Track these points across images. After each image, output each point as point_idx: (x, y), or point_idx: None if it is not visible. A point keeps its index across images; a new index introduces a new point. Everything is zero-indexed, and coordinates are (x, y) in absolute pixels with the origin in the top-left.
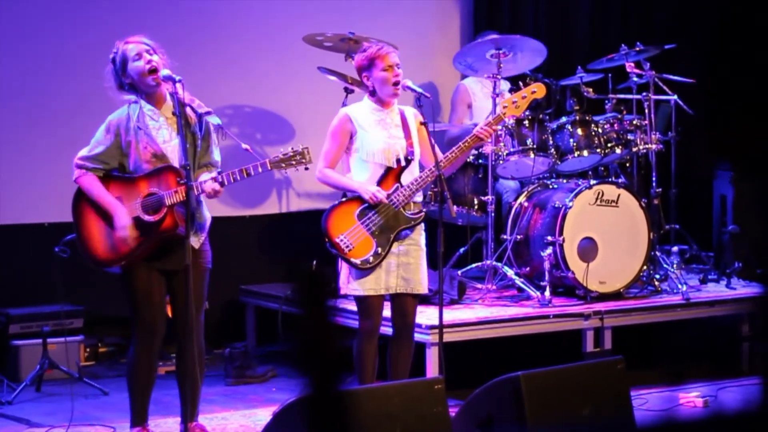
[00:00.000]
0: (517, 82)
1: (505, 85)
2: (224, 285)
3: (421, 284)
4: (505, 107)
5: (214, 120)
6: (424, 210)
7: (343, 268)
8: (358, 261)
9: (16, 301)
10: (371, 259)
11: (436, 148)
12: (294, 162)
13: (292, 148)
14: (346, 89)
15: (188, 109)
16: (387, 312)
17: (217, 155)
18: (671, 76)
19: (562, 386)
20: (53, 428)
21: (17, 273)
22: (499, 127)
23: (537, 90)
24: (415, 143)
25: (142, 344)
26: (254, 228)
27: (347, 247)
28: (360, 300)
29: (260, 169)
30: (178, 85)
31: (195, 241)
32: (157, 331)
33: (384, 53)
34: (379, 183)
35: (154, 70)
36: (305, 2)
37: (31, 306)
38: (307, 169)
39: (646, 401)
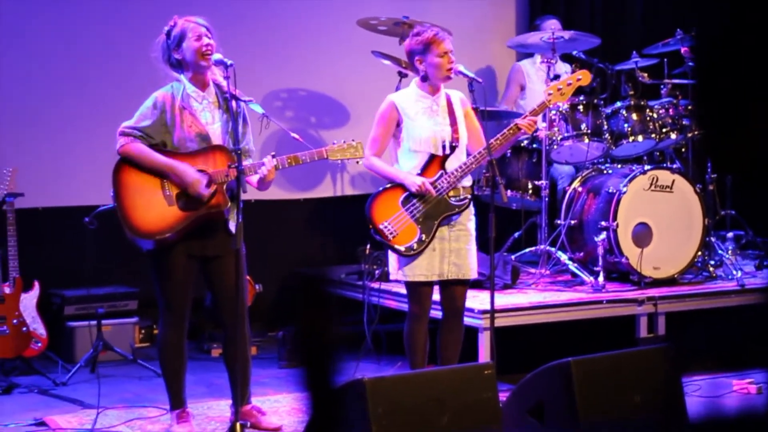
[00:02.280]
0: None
1: (565, 67)
2: (278, 268)
3: (471, 269)
4: (550, 94)
5: (257, 109)
6: (470, 196)
7: (392, 255)
8: (402, 248)
9: (72, 283)
10: (415, 245)
11: (482, 135)
12: (347, 155)
13: (345, 141)
14: (399, 73)
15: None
16: (437, 296)
17: (252, 144)
18: None
19: (614, 372)
20: (106, 409)
21: (72, 255)
22: (552, 111)
23: (582, 77)
24: (461, 129)
25: (171, 327)
26: (308, 211)
27: (391, 233)
28: (410, 286)
29: (316, 157)
30: (230, 69)
31: (232, 224)
32: (184, 315)
33: (440, 39)
34: (424, 170)
35: (208, 53)
36: None
37: (86, 288)
38: (358, 162)
39: (699, 387)
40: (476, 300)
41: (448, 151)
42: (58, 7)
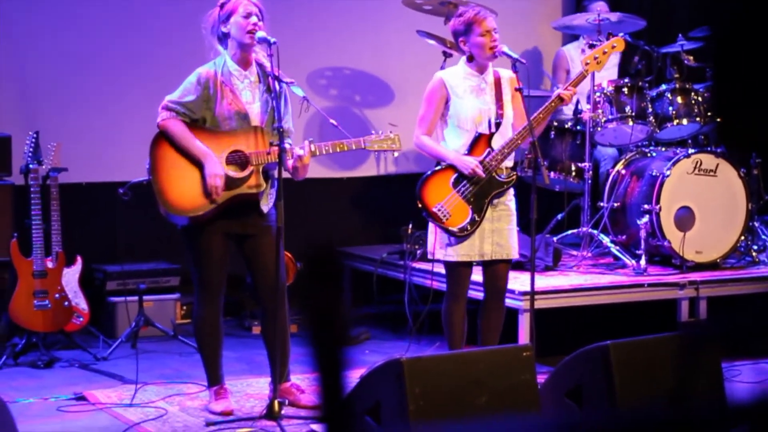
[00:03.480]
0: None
1: (614, 59)
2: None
3: (513, 249)
4: (587, 64)
5: (298, 91)
6: (515, 173)
7: (433, 234)
8: (456, 229)
9: (114, 258)
10: (468, 226)
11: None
12: (385, 146)
13: (384, 132)
14: (444, 53)
15: (270, 77)
16: (478, 277)
17: (291, 124)
18: None
19: (653, 356)
20: (146, 385)
21: (115, 230)
22: (597, 93)
23: (617, 44)
24: (507, 107)
25: (206, 304)
26: (351, 190)
27: (445, 216)
28: (451, 266)
29: (353, 146)
30: (273, 47)
31: (265, 205)
32: (219, 291)
33: (481, 18)
34: (471, 148)
35: (253, 32)
36: None
37: (128, 263)
38: (394, 154)
39: (740, 373)
40: (517, 281)
41: (493, 129)
42: None
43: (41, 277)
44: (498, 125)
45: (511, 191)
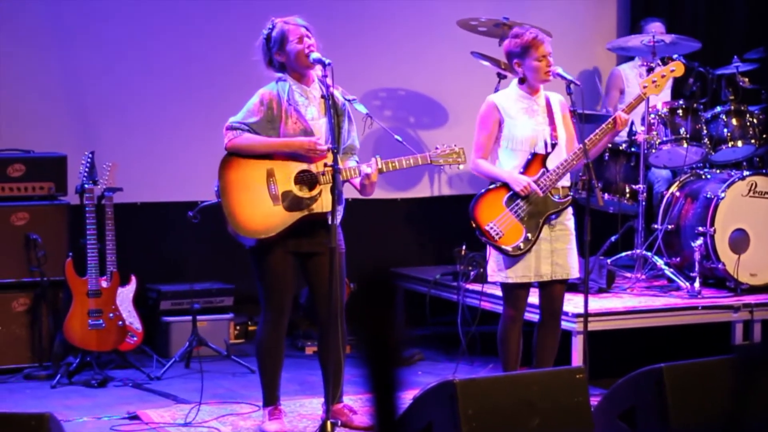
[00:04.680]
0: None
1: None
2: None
3: (573, 269)
4: (645, 87)
5: (361, 108)
6: (570, 195)
7: (492, 255)
8: (509, 248)
9: (168, 278)
10: (522, 245)
11: (576, 139)
12: (450, 160)
13: (448, 146)
14: (498, 75)
15: (335, 93)
16: (534, 298)
17: (357, 141)
18: None
19: (706, 380)
20: (200, 404)
21: (169, 250)
22: (651, 115)
23: (676, 69)
24: (560, 129)
25: (272, 324)
26: (406, 211)
27: (497, 234)
28: (508, 287)
29: (420, 161)
30: (327, 68)
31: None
32: (285, 312)
33: (539, 42)
34: (525, 169)
35: (309, 54)
36: None
37: (182, 283)
38: (459, 168)
39: None
40: (570, 303)
41: (549, 149)
42: (162, 8)
43: (96, 296)
44: (554, 146)
45: (570, 210)
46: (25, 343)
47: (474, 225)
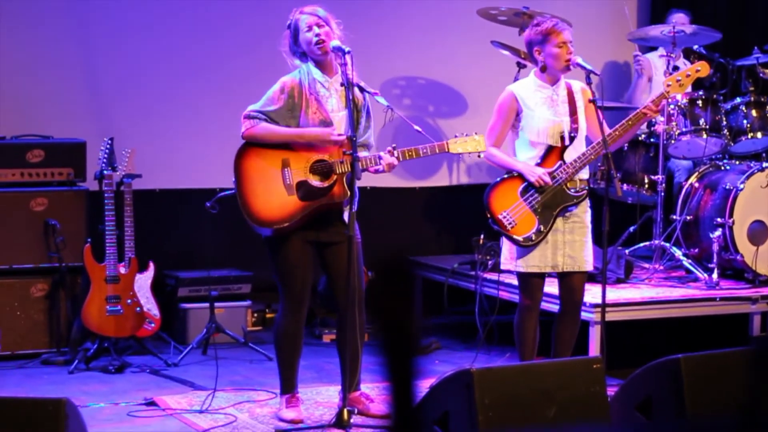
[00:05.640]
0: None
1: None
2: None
3: (587, 261)
4: (669, 85)
5: (382, 101)
6: (587, 188)
7: (506, 245)
8: (520, 238)
9: (186, 265)
10: (533, 236)
11: (605, 125)
12: (469, 148)
13: (467, 134)
14: (518, 64)
15: (356, 88)
16: (554, 289)
17: (373, 138)
18: None
19: (724, 370)
20: (216, 391)
21: (188, 237)
22: (671, 105)
23: (701, 69)
24: (581, 119)
25: (291, 313)
26: (423, 199)
27: (510, 224)
28: (523, 277)
29: (437, 150)
30: (347, 56)
31: (347, 215)
32: (304, 301)
33: (559, 29)
34: (542, 160)
35: (320, 42)
36: None
37: (200, 270)
38: (480, 156)
39: None
40: (588, 293)
41: (567, 142)
42: None
43: (114, 282)
44: (572, 138)
45: (587, 203)
46: (43, 328)
47: (488, 213)
